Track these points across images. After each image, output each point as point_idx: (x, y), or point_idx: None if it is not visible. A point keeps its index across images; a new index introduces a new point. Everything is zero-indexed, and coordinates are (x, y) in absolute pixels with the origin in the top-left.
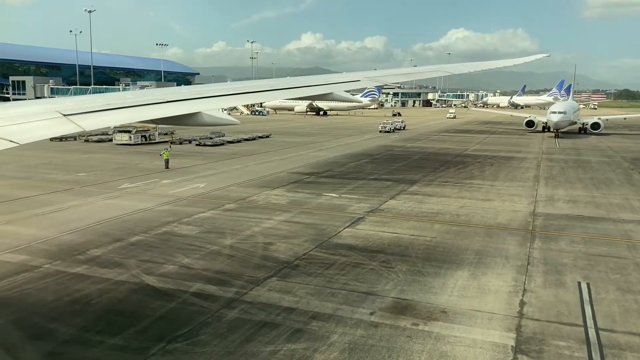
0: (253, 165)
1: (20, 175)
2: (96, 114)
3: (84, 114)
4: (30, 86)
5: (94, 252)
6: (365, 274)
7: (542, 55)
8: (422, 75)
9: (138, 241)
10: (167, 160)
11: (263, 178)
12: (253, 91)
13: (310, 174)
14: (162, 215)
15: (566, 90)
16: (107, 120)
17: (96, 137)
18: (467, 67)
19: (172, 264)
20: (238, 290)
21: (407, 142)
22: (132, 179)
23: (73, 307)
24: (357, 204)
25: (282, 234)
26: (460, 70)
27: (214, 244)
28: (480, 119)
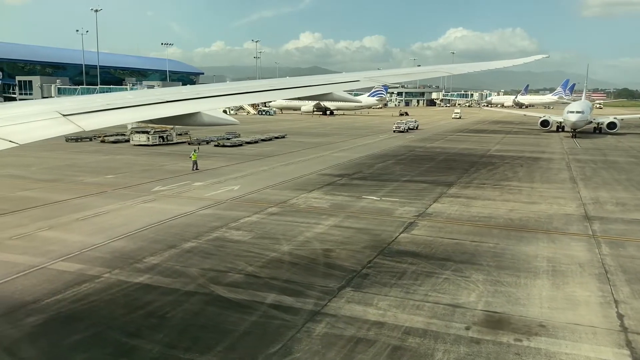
0: (279, 166)
1: (47, 177)
2: (96, 114)
3: (84, 114)
4: (37, 86)
5: (151, 260)
6: (443, 284)
7: (541, 56)
8: (422, 76)
9: (192, 248)
10: (196, 162)
11: (294, 180)
12: (252, 91)
13: (341, 175)
14: (207, 220)
15: (570, 89)
16: (106, 121)
17: (113, 138)
18: (466, 68)
19: (236, 272)
20: (316, 302)
21: (425, 142)
22: (163, 182)
23: (150, 321)
24: (402, 207)
25: (337, 240)
26: (460, 70)
27: (272, 250)
28: (488, 119)
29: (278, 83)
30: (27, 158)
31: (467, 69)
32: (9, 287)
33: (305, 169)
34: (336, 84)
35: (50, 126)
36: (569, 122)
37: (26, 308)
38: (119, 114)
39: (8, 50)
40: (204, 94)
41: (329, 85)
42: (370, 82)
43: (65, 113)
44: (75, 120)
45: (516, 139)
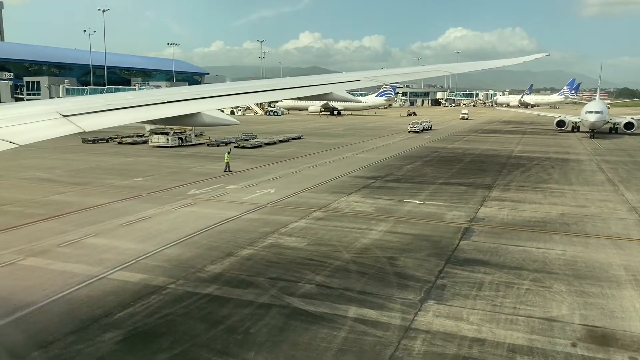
0: (307, 168)
1: (76, 180)
2: (96, 115)
3: (84, 115)
4: (45, 86)
5: (213, 269)
6: (527, 296)
7: (541, 54)
8: (422, 75)
9: (251, 255)
10: (228, 163)
11: (328, 183)
12: (253, 91)
13: (373, 177)
14: (255, 225)
15: (575, 88)
16: (107, 121)
17: (130, 140)
18: (466, 67)
19: (305, 282)
20: (403, 316)
21: (444, 143)
22: (195, 185)
23: (235, 338)
24: (450, 211)
25: (397, 247)
26: (460, 69)
27: (334, 258)
28: (497, 119)
29: (278, 83)
30: (48, 160)
31: (467, 68)
32: (75, 299)
33: (334, 171)
34: (336, 83)
35: (50, 127)
36: (588, 123)
37: (99, 323)
38: (119, 115)
39: (14, 51)
40: (204, 95)
41: (329, 85)
42: (370, 82)
43: (66, 114)
44: (76, 120)
45: (535, 140)
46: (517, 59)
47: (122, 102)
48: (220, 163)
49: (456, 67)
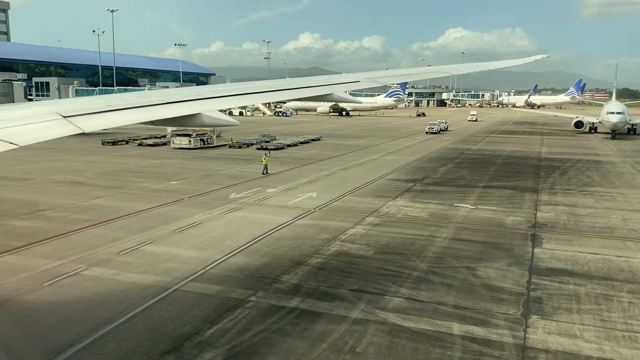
0: (339, 171)
1: (109, 183)
2: (96, 115)
3: (84, 116)
4: (55, 87)
5: (288, 279)
6: (634, 310)
7: (541, 56)
8: (422, 76)
9: (321, 264)
10: (266, 166)
11: (366, 186)
12: (253, 92)
13: (411, 180)
14: (312, 231)
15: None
16: (107, 122)
17: (151, 141)
18: (467, 68)
19: (392, 295)
20: (512, 333)
21: (466, 144)
22: (233, 188)
23: (343, 358)
24: (507, 217)
25: (471, 256)
26: (460, 70)
27: (409, 268)
28: (507, 119)
29: (278, 84)
30: (73, 163)
31: (468, 69)
32: (155, 313)
33: (368, 174)
34: (337, 84)
35: (50, 127)
36: (609, 124)
37: (193, 341)
38: (120, 115)
39: (20, 51)
40: (204, 95)
41: (330, 85)
42: (370, 83)
43: (66, 114)
44: (76, 121)
45: (557, 141)
46: (517, 60)
47: (123, 103)
48: (248, 165)
49: (456, 68)
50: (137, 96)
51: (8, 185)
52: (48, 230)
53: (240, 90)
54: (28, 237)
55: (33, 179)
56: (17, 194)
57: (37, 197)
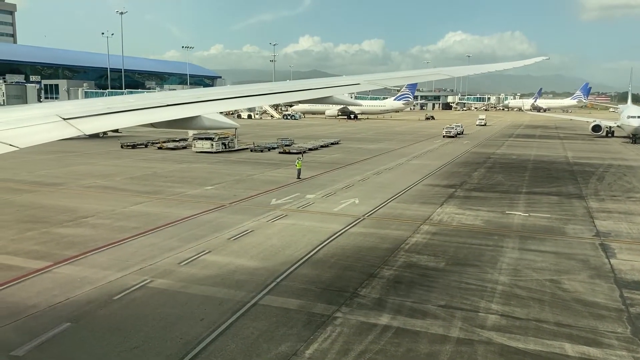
0: (372, 176)
1: (144, 189)
2: (97, 118)
3: (85, 118)
4: (64, 90)
5: (368, 293)
6: None
7: (541, 58)
8: (422, 79)
9: (395, 277)
10: (300, 170)
11: (406, 192)
12: (253, 94)
13: (450, 186)
14: (371, 241)
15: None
16: (107, 124)
17: (172, 145)
18: (467, 70)
19: (485, 311)
20: (633, 355)
21: (487, 148)
22: (272, 194)
23: None
24: (564, 225)
25: (546, 267)
26: (460, 73)
27: (490, 281)
28: (517, 123)
29: (278, 87)
30: (98, 166)
31: (468, 72)
32: (244, 332)
33: (402, 179)
34: (337, 87)
35: (51, 130)
36: (630, 128)
37: None
38: (120, 118)
39: (28, 53)
40: (204, 98)
41: (330, 88)
42: (370, 85)
43: (66, 117)
44: (76, 123)
45: (579, 145)
46: (518, 62)
47: (123, 105)
48: (278, 170)
49: (456, 71)
50: (138, 98)
51: (42, 190)
52: (97, 239)
53: (240, 93)
54: (79, 245)
55: (63, 183)
56: (53, 200)
57: (73, 203)
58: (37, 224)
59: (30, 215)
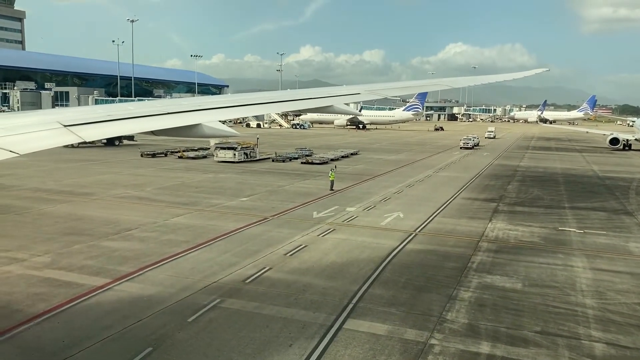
0: (405, 188)
1: (178, 200)
2: (97, 125)
3: (85, 125)
4: (75, 97)
5: (455, 317)
6: None
7: (541, 69)
8: (423, 89)
9: (478, 300)
10: (333, 181)
11: (448, 206)
12: (254, 103)
13: (489, 200)
14: (436, 259)
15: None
16: (108, 132)
17: (192, 154)
18: (467, 81)
19: (587, 339)
20: None
21: (509, 160)
22: (311, 206)
23: None
24: (626, 243)
25: (630, 290)
26: (460, 84)
27: (579, 305)
28: (528, 135)
29: (279, 95)
30: (124, 176)
31: (469, 82)
32: None
33: (437, 192)
34: (338, 96)
35: (51, 136)
36: None
37: None
38: (120, 125)
39: (37, 60)
40: (204, 106)
41: (331, 97)
42: (371, 95)
43: (66, 123)
44: (76, 130)
45: (600, 158)
46: (518, 73)
47: (123, 113)
48: (306, 181)
49: (456, 82)
50: (138, 106)
51: (75, 200)
52: (149, 253)
53: (241, 102)
54: (132, 260)
55: (94, 193)
56: (90, 211)
57: (111, 214)
58: (82, 236)
59: (71, 227)
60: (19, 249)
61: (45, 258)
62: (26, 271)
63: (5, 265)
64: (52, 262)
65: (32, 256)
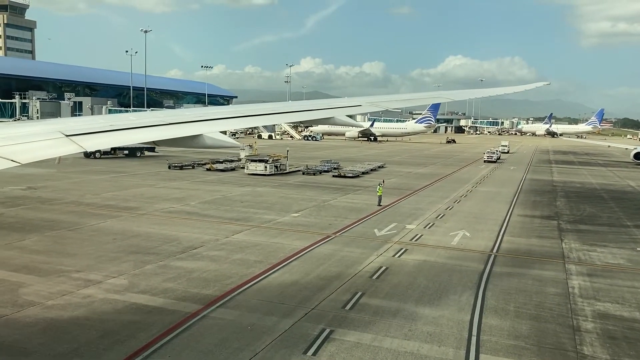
0: (454, 204)
1: (228, 215)
2: (99, 135)
3: (87, 135)
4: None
5: (594, 352)
6: None
7: (542, 83)
8: (423, 101)
9: (604, 331)
10: (380, 197)
11: (509, 224)
12: (255, 114)
13: (548, 217)
14: (531, 284)
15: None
16: (109, 142)
17: (221, 166)
18: (467, 94)
19: None
20: None
21: (540, 174)
22: (367, 223)
23: None
24: None
25: None
26: (460, 96)
27: None
28: (542, 148)
29: (280, 107)
30: (161, 189)
31: (469, 95)
32: None
33: (489, 208)
34: (338, 108)
35: (52, 146)
36: None
37: None
38: (122, 135)
39: (48, 70)
40: (206, 117)
41: (331, 109)
42: (372, 107)
43: (68, 133)
44: (78, 140)
45: (630, 173)
46: (519, 87)
47: (125, 123)
48: (348, 195)
49: (456, 94)
50: (140, 116)
51: (122, 215)
52: (228, 275)
53: (242, 113)
54: (214, 283)
55: (139, 207)
56: (143, 227)
57: (167, 230)
58: (148, 255)
59: (132, 245)
60: (88, 269)
61: (122, 280)
62: (108, 295)
63: (83, 287)
64: (131, 284)
65: (106, 277)
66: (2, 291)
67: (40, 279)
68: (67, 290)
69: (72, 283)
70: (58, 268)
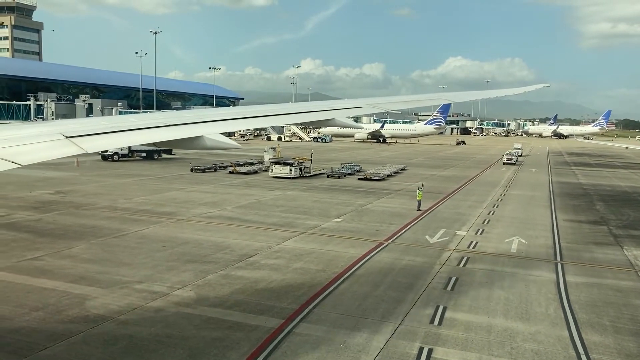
0: (494, 208)
1: (269, 220)
2: (99, 136)
3: (87, 137)
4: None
5: None
6: None
7: (542, 85)
8: (424, 103)
9: None
10: (420, 201)
11: (558, 230)
12: (255, 116)
13: (595, 222)
14: (615, 295)
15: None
16: (110, 143)
17: (244, 169)
18: (468, 96)
19: None
20: None
21: (564, 177)
22: (414, 229)
23: None
24: None
25: None
26: (461, 98)
27: None
28: (553, 150)
29: (280, 108)
30: (192, 193)
31: (469, 97)
32: None
33: (532, 213)
34: (338, 109)
35: (53, 147)
36: None
37: None
38: (122, 137)
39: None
40: (206, 119)
41: (332, 111)
42: (372, 109)
43: (69, 135)
44: (79, 142)
45: None
46: (519, 88)
47: (126, 125)
48: (382, 199)
49: (457, 96)
50: (141, 118)
51: (163, 221)
52: (296, 286)
53: (243, 114)
54: (288, 295)
55: (176, 213)
56: (188, 233)
57: (215, 237)
58: (205, 264)
59: (185, 253)
60: (148, 279)
61: (188, 292)
62: (180, 309)
63: (151, 300)
64: (199, 297)
65: (171, 289)
66: (69, 305)
67: (103, 290)
68: (135, 304)
69: (137, 295)
70: (117, 279)
